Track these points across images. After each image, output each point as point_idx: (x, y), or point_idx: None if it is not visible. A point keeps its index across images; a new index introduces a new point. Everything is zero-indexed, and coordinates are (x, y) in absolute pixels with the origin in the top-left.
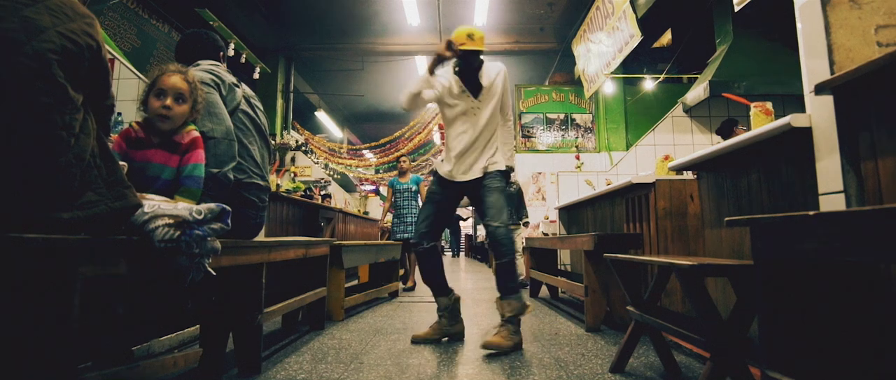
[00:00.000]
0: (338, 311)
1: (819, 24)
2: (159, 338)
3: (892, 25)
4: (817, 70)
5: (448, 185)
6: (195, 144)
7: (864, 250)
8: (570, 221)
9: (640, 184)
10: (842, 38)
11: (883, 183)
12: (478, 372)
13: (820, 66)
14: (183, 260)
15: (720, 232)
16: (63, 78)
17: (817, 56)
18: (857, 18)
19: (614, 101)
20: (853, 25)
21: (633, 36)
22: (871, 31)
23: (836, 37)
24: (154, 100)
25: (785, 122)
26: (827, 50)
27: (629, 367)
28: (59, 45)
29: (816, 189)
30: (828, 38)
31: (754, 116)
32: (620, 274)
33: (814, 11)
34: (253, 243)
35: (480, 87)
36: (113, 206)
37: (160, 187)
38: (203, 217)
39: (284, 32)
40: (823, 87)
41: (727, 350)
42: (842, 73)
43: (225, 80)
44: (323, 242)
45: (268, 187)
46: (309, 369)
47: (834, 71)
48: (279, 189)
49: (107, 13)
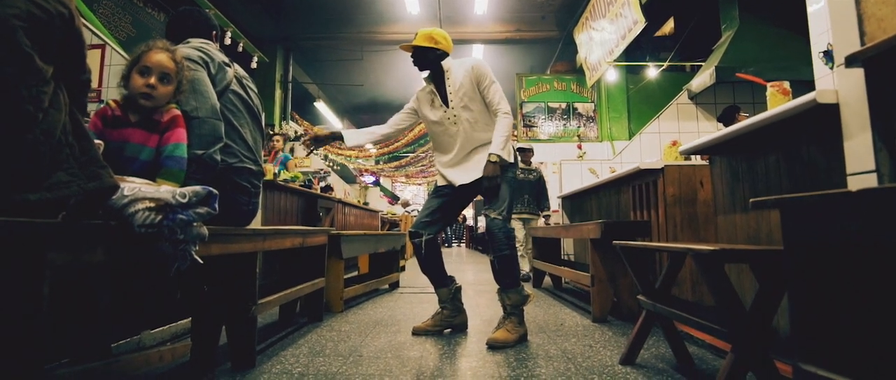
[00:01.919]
0: (337, 302)
1: None
2: (151, 331)
3: None
4: (846, 42)
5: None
6: (175, 123)
7: None
8: (573, 211)
9: (647, 170)
10: (872, 6)
11: None
12: (481, 365)
13: (849, 38)
14: (166, 247)
15: (735, 218)
16: (29, 47)
17: (846, 27)
18: None
19: (617, 89)
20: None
21: (636, 22)
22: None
23: (866, 5)
24: (137, 77)
25: (810, 98)
26: (856, 20)
27: (640, 358)
28: (24, 10)
29: (844, 169)
30: (857, 6)
31: (771, 95)
32: (630, 262)
33: None
34: (246, 231)
35: (447, 95)
36: (86, 187)
37: (138, 169)
38: (188, 200)
39: (282, 22)
40: (855, 59)
41: (750, 341)
42: (875, 44)
43: (214, 59)
44: (321, 231)
45: (261, 172)
46: (306, 363)
47: (864, 42)
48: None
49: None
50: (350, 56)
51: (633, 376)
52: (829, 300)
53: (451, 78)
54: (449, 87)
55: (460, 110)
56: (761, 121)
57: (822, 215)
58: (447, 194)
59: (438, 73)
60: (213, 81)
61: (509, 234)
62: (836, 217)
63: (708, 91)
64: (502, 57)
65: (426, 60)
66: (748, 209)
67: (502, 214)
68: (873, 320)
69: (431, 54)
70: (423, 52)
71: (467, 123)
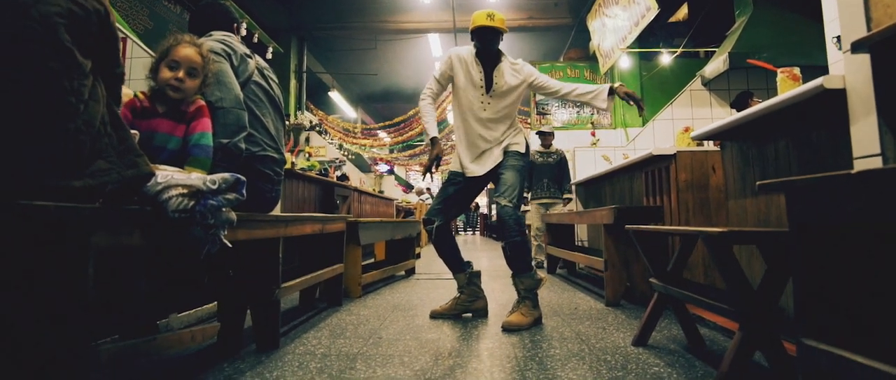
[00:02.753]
0: (355, 287)
1: None
2: (178, 314)
3: None
4: (853, 28)
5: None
6: (201, 113)
7: None
8: (587, 197)
9: (660, 156)
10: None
11: None
12: (498, 346)
13: (856, 23)
14: (197, 231)
15: (745, 202)
16: (70, 42)
17: (853, 13)
18: None
19: (630, 76)
20: None
21: (649, 9)
22: None
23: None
24: (166, 70)
25: (817, 83)
26: (863, 5)
27: (652, 340)
28: (65, 8)
29: (851, 153)
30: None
31: (781, 81)
32: (643, 246)
33: None
34: (269, 217)
35: (492, 84)
36: (125, 174)
37: (166, 158)
38: (217, 187)
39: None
40: (860, 45)
41: (757, 320)
42: (881, 29)
43: (237, 51)
44: (339, 218)
45: (283, 160)
46: (328, 344)
47: (870, 28)
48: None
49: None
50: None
51: (645, 356)
52: (831, 278)
53: (501, 67)
54: (496, 74)
55: (497, 100)
56: (770, 106)
57: (824, 197)
58: (459, 183)
59: (494, 57)
60: (235, 73)
61: (519, 220)
62: (837, 198)
63: (721, 77)
64: (515, 45)
65: (494, 44)
66: (758, 193)
67: (513, 200)
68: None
69: (499, 38)
70: (497, 34)
71: (495, 112)
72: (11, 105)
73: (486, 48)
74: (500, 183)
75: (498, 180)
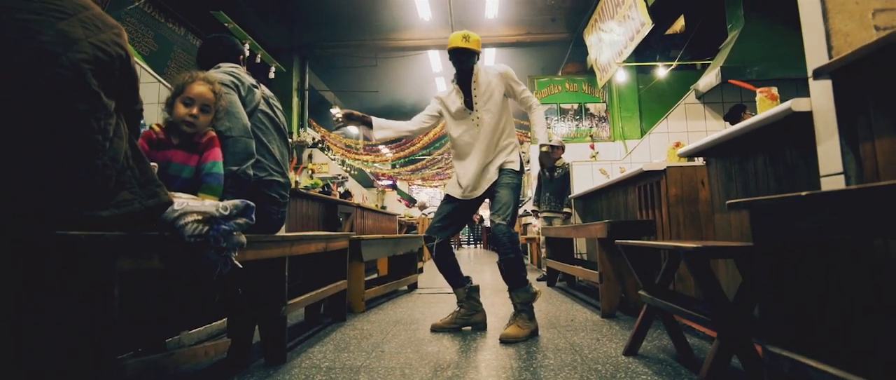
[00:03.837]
0: (358, 303)
1: (817, 9)
2: (189, 331)
3: (890, 9)
4: (816, 55)
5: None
6: (212, 143)
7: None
8: (585, 210)
9: (651, 171)
10: (839, 23)
11: (880, 164)
12: (495, 357)
13: (819, 52)
14: (211, 254)
15: (729, 217)
16: (97, 86)
17: (816, 42)
18: (855, 3)
19: (628, 89)
20: (851, 10)
21: (643, 24)
22: (868, 15)
23: (834, 22)
24: (181, 106)
25: (786, 107)
26: (825, 35)
27: (642, 350)
28: (92, 55)
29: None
30: (826, 23)
31: (760, 101)
32: (632, 260)
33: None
34: (275, 238)
35: (472, 96)
36: (147, 204)
37: (180, 186)
38: (229, 213)
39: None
40: (821, 72)
41: (733, 328)
42: (837, 58)
43: (244, 82)
44: (342, 236)
45: (288, 184)
46: (332, 358)
47: (832, 56)
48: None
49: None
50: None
51: (635, 365)
52: (791, 290)
53: (477, 81)
54: (475, 90)
55: (483, 113)
56: (748, 126)
57: (781, 216)
58: (456, 201)
59: (467, 74)
60: (243, 102)
61: (513, 238)
62: (791, 218)
63: (715, 91)
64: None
65: (469, 63)
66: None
67: (506, 218)
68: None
69: (474, 58)
70: (471, 55)
71: (488, 126)
72: (46, 143)
73: (462, 68)
74: (495, 201)
75: (493, 198)
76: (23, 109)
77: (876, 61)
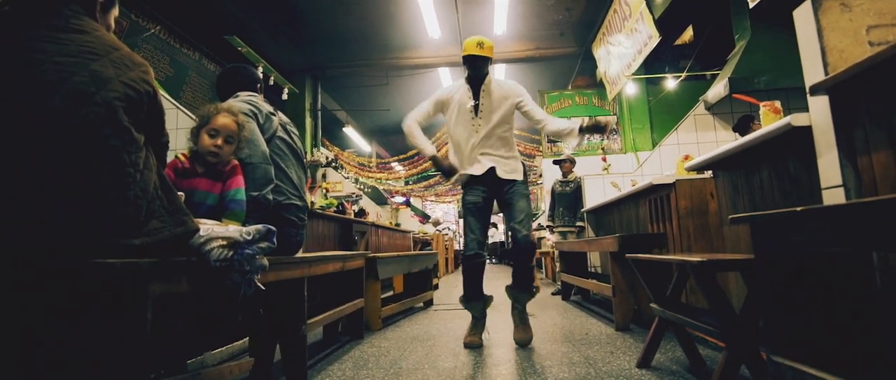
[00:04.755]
0: (375, 320)
1: (812, 27)
2: (212, 351)
3: (883, 25)
4: (813, 72)
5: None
6: (235, 171)
7: (845, 242)
8: (597, 224)
9: (661, 185)
10: (834, 40)
11: (878, 176)
12: (511, 372)
13: (815, 68)
14: (235, 277)
15: (738, 229)
16: (127, 122)
17: (813, 58)
18: (849, 20)
19: (638, 101)
20: (845, 27)
21: (651, 37)
22: (862, 31)
23: (829, 39)
24: (206, 137)
25: (786, 122)
26: (820, 52)
27: (656, 362)
28: (123, 93)
29: None
30: (821, 41)
31: (764, 114)
32: (642, 273)
33: (807, 16)
34: (295, 259)
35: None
36: (175, 231)
37: (205, 212)
38: (252, 237)
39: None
40: (817, 89)
41: (740, 339)
42: (833, 75)
43: (262, 110)
44: (358, 255)
45: (306, 207)
46: (351, 376)
47: (828, 72)
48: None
49: (142, 45)
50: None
51: (648, 377)
52: (790, 301)
53: (487, 90)
54: (483, 98)
55: (484, 122)
56: (752, 140)
57: (780, 230)
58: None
59: (479, 81)
60: (261, 130)
61: (534, 247)
62: (788, 232)
63: (723, 102)
64: (524, 75)
65: (483, 69)
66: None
67: (528, 227)
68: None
69: (487, 64)
70: (485, 61)
71: (486, 134)
72: (82, 177)
73: (476, 73)
74: (515, 210)
75: (510, 207)
76: (61, 146)
77: (870, 76)
